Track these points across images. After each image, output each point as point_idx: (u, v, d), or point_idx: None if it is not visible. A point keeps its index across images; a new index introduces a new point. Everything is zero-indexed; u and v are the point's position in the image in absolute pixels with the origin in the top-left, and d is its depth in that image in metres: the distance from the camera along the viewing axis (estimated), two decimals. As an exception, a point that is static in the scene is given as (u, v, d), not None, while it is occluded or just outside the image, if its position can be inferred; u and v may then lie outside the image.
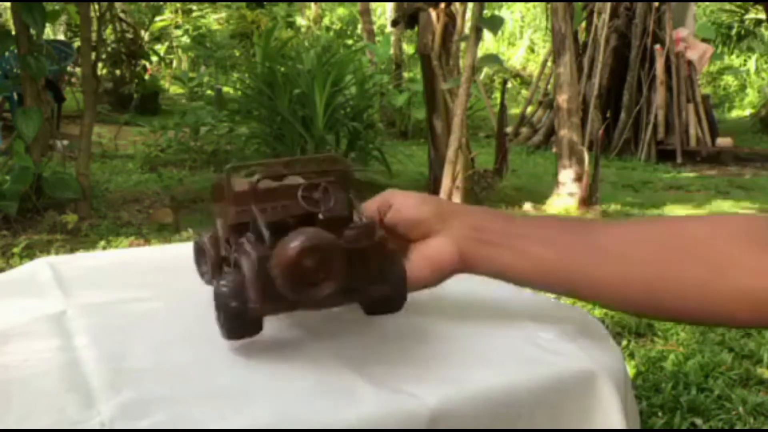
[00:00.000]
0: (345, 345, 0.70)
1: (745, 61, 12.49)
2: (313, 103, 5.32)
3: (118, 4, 8.43)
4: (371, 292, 0.65)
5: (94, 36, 4.92)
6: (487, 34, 7.50)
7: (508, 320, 0.81)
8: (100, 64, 7.54)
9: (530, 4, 13.24)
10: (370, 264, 0.64)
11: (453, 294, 0.89)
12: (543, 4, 9.66)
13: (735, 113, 11.32)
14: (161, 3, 9.93)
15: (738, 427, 2.06)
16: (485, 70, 10.67)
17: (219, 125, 6.17)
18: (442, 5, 4.55)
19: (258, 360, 0.65)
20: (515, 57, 13.08)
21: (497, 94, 8.19)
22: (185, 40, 11.22)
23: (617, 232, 0.69)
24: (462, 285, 0.94)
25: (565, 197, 4.83)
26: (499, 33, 10.83)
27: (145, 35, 9.36)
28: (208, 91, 7.66)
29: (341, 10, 13.73)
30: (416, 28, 5.10)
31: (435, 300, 0.79)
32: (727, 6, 12.59)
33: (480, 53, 3.10)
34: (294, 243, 0.58)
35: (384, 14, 12.93)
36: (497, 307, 0.84)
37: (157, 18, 10.09)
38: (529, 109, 8.47)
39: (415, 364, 0.67)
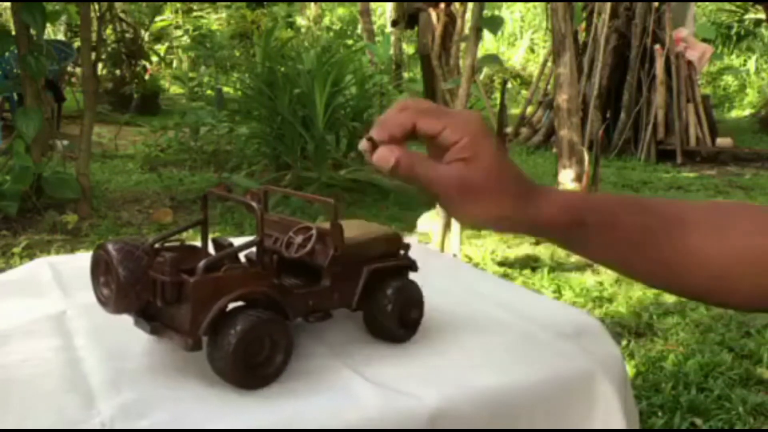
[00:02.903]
0: (345, 345, 0.70)
1: (745, 61, 12.48)
2: (313, 103, 5.31)
3: (118, 4, 8.42)
4: None
5: (94, 36, 4.92)
6: (487, 34, 7.49)
7: (508, 320, 0.81)
8: (100, 64, 7.54)
9: (530, 4, 13.23)
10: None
11: (453, 294, 0.89)
12: (543, 4, 9.65)
13: (735, 113, 11.32)
14: (161, 3, 9.92)
15: (738, 426, 2.06)
16: (485, 70, 10.66)
17: (219, 125, 6.16)
18: (442, 5, 4.55)
19: (258, 360, 0.65)
20: (515, 57, 13.07)
21: (497, 94, 8.18)
22: (185, 40, 11.21)
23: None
24: (462, 285, 0.94)
25: (565, 197, 4.83)
26: (499, 33, 10.81)
27: (145, 35, 9.36)
28: (208, 91, 7.65)
29: (341, 10, 13.73)
30: (416, 28, 5.10)
31: (434, 300, 0.79)
32: (727, 6, 12.58)
33: (480, 53, 3.10)
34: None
35: (384, 14, 12.93)
36: (497, 307, 0.84)
37: (157, 18, 10.09)
38: (529, 109, 8.46)
39: (415, 364, 0.67)
